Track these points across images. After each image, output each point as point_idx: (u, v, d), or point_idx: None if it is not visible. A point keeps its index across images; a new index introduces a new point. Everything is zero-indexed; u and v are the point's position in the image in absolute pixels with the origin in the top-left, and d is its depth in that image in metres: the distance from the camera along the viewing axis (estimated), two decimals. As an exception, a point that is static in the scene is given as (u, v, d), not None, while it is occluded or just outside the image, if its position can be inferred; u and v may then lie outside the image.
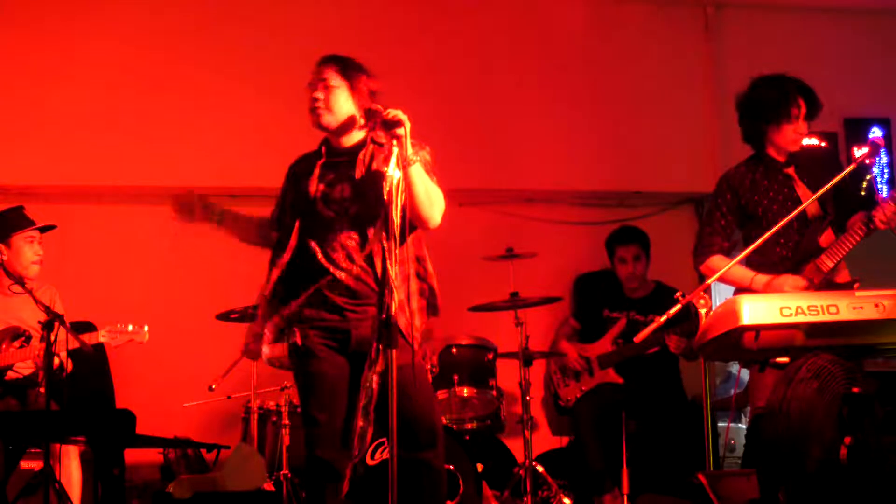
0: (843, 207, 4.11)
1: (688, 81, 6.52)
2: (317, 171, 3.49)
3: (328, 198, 3.44)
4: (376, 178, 3.30)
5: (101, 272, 5.79)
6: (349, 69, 3.49)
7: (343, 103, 3.46)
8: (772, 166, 4.15)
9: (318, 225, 3.44)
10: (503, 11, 6.36)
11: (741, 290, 4.05)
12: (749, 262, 4.07)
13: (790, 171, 4.14)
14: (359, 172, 3.42)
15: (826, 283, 3.97)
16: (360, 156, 3.45)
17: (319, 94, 3.46)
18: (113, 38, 5.90)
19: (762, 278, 3.98)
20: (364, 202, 3.40)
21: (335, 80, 3.46)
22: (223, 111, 5.94)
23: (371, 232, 3.39)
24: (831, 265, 3.98)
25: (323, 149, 3.55)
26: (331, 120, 3.46)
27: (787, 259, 4.05)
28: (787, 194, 4.09)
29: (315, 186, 3.47)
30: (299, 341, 3.40)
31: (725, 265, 4.00)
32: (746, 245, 4.03)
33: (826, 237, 4.04)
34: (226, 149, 5.93)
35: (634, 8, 6.51)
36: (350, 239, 3.40)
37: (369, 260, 3.39)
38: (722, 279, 4.12)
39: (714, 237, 4.18)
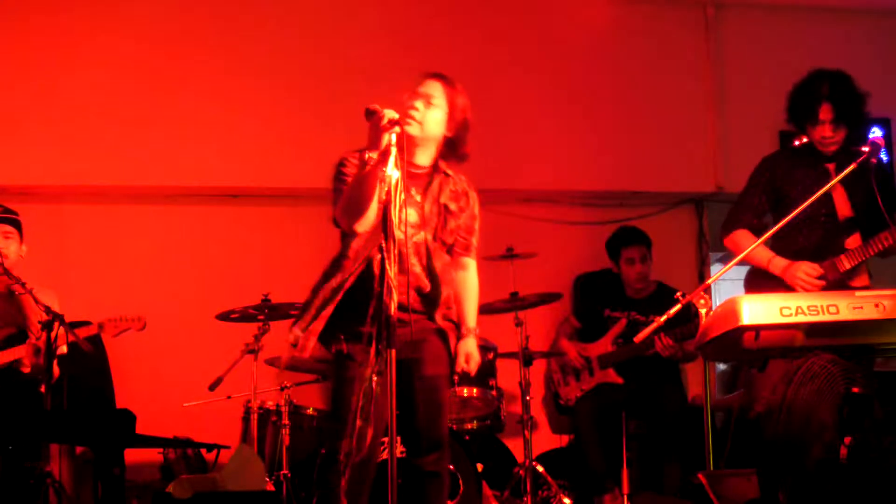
0: (873, 215, 4.14)
1: (688, 81, 6.52)
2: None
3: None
4: (441, 210, 3.47)
5: (101, 272, 5.80)
6: (455, 93, 3.50)
7: (436, 124, 3.45)
8: (813, 158, 4.20)
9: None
10: (503, 12, 6.35)
11: (757, 269, 4.11)
12: (771, 247, 4.11)
13: (830, 167, 4.18)
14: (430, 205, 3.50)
15: (839, 284, 3.99)
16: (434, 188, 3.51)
17: (420, 106, 3.42)
18: (114, 38, 5.90)
19: (780, 262, 4.02)
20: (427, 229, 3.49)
21: (438, 100, 3.45)
22: (224, 111, 5.94)
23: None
24: (849, 267, 4.01)
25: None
26: (416, 133, 3.41)
27: (806, 250, 4.09)
28: (821, 188, 4.11)
29: None
30: (344, 348, 3.40)
31: (749, 242, 4.06)
32: (772, 226, 4.08)
33: (852, 240, 4.06)
34: (227, 149, 5.93)
35: (634, 8, 6.51)
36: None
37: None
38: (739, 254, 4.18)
39: (745, 213, 4.24)
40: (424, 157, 3.49)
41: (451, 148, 3.50)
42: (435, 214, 3.49)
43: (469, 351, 3.61)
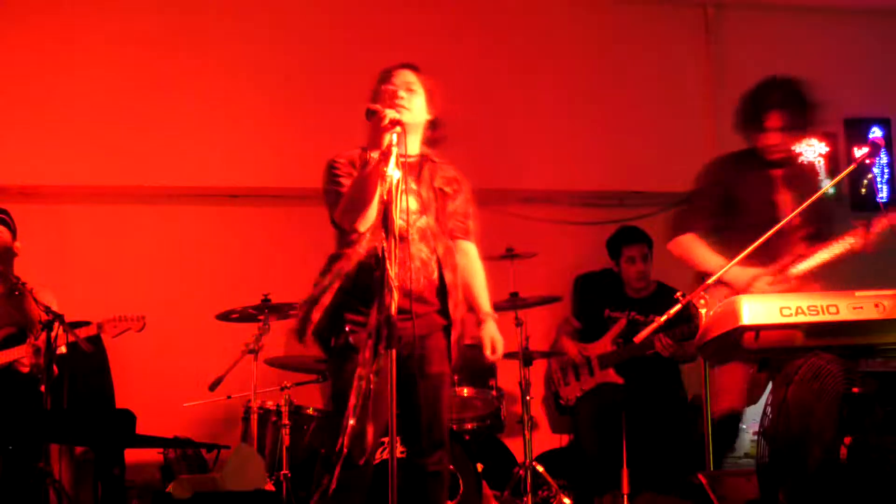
0: (821, 221, 4.17)
1: (688, 81, 6.52)
2: None
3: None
4: (437, 195, 3.51)
5: (101, 272, 5.79)
6: (427, 78, 3.58)
7: (419, 111, 3.51)
8: (761, 164, 4.23)
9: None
10: (503, 12, 6.35)
11: (707, 275, 4.11)
12: (719, 253, 4.14)
13: (776, 173, 4.20)
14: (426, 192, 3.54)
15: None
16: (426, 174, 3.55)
17: (404, 94, 3.49)
18: (114, 38, 5.90)
19: (735, 269, 4.02)
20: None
21: (416, 86, 3.53)
22: (224, 111, 5.95)
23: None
24: (798, 272, 4.03)
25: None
26: (409, 119, 3.44)
27: (754, 256, 4.10)
28: (768, 194, 4.17)
29: None
30: (352, 339, 3.41)
31: (696, 245, 4.11)
32: (717, 233, 4.17)
33: (801, 247, 4.07)
34: (226, 149, 5.94)
35: (634, 8, 6.51)
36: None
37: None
38: (688, 259, 4.24)
39: (691, 216, 4.26)
40: (413, 145, 3.52)
41: (434, 129, 3.56)
42: (433, 199, 3.53)
43: (493, 336, 3.63)
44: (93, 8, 5.92)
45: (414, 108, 3.49)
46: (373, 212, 3.28)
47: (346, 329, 3.42)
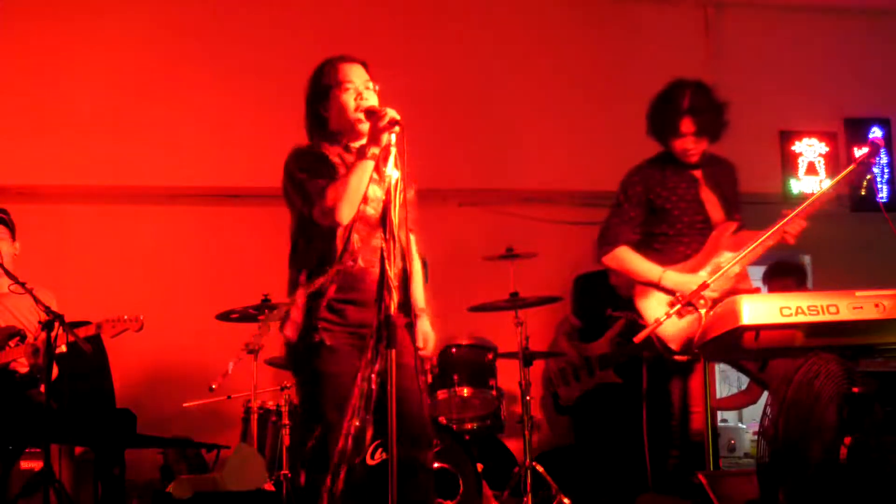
0: (740, 215, 4.19)
1: (688, 81, 6.52)
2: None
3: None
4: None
5: (101, 272, 5.79)
6: (371, 74, 3.55)
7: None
8: (680, 166, 4.25)
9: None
10: (503, 11, 6.36)
11: (646, 284, 4.12)
12: (651, 259, 4.14)
13: (697, 173, 4.25)
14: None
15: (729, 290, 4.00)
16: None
17: (366, 94, 3.49)
18: (113, 39, 5.91)
19: (673, 276, 4.02)
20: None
21: (369, 82, 3.52)
22: (223, 112, 5.95)
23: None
24: (737, 270, 4.03)
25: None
26: None
27: (688, 258, 4.11)
28: (693, 195, 4.21)
29: None
30: (327, 339, 3.38)
31: (631, 256, 4.12)
32: (647, 239, 4.17)
33: (731, 243, 4.08)
34: (226, 149, 5.94)
35: (634, 8, 6.51)
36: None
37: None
38: (627, 272, 4.21)
39: (621, 227, 4.26)
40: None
41: (371, 117, 3.48)
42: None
43: (425, 331, 3.60)
44: (91, 10, 5.92)
45: (374, 102, 3.48)
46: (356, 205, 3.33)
47: (320, 327, 3.40)
